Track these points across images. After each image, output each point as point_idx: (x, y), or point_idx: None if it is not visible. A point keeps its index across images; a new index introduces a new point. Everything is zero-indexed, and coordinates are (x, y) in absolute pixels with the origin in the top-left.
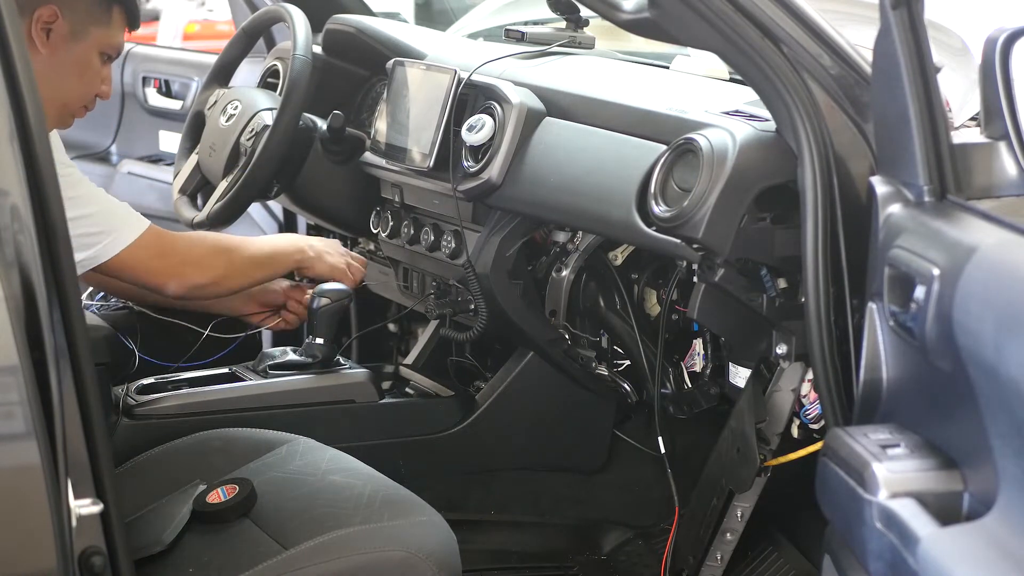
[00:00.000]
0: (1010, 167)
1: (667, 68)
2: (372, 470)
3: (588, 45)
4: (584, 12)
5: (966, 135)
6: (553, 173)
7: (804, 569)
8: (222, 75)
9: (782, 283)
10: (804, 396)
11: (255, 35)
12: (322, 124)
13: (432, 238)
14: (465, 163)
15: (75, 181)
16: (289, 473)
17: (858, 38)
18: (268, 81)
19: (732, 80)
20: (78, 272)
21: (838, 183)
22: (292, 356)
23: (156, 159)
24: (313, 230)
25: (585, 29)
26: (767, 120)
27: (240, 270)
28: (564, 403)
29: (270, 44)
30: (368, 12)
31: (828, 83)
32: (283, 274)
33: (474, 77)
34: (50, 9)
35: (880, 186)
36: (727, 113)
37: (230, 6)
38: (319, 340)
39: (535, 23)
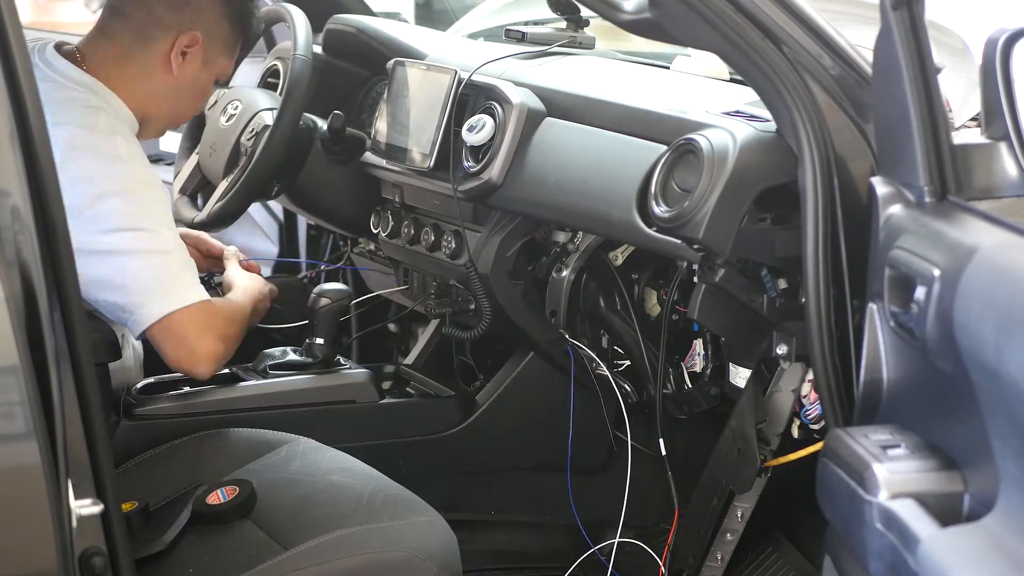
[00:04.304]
0: (1011, 168)
1: (667, 68)
2: (372, 470)
3: (588, 45)
4: (584, 12)
5: (967, 136)
6: (553, 173)
7: (804, 569)
8: None
9: (782, 283)
10: (804, 396)
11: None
12: (322, 124)
13: (432, 238)
14: (465, 163)
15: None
16: (289, 474)
17: (858, 38)
18: (268, 81)
19: (732, 80)
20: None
21: (839, 184)
22: (292, 356)
23: (156, 159)
24: (313, 230)
25: (585, 29)
26: (767, 120)
27: (246, 325)
28: (564, 403)
29: (270, 44)
30: (368, 12)
31: (828, 83)
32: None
33: (474, 77)
34: (194, 36)
35: (880, 187)
36: (727, 113)
37: None
38: (319, 340)
39: (535, 23)
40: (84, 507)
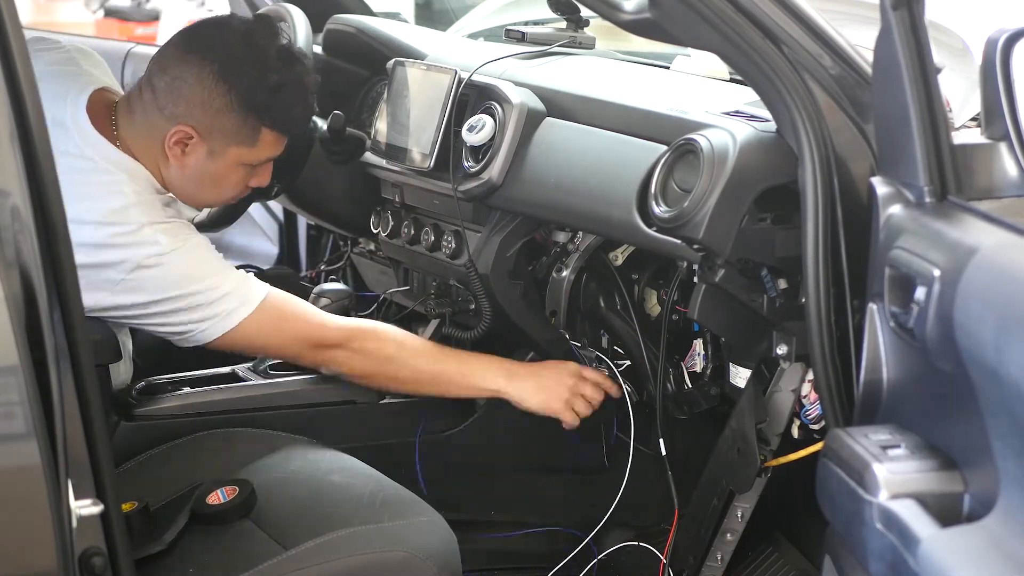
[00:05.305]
0: (1011, 168)
1: (667, 68)
2: (372, 470)
3: (588, 45)
4: (584, 12)
5: (967, 136)
6: (553, 173)
7: (804, 569)
8: None
9: (783, 283)
10: (804, 397)
11: None
12: (322, 124)
13: (432, 238)
14: (465, 163)
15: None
16: (289, 473)
17: (858, 38)
18: None
19: (732, 80)
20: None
21: (839, 184)
22: None
23: None
24: (313, 230)
25: (585, 29)
26: (767, 120)
27: (402, 381)
28: None
29: None
30: (368, 12)
31: (828, 83)
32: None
33: (474, 77)
34: (182, 130)
35: (881, 187)
36: (727, 113)
37: (230, 6)
38: None
39: (535, 23)
40: (84, 507)
